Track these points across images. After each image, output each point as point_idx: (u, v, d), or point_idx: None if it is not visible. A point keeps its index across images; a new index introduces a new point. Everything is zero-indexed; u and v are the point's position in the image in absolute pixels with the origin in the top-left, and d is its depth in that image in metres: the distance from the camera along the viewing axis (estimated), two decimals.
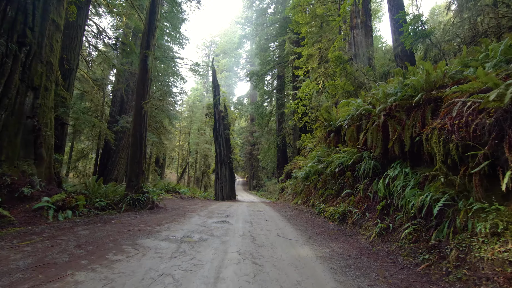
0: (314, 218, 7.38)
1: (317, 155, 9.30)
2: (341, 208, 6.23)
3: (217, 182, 23.46)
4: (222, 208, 10.20)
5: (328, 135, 9.07)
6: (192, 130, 40.75)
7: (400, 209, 4.56)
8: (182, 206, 9.91)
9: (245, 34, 31.90)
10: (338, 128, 8.42)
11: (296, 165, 15.90)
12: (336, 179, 7.48)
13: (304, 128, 19.25)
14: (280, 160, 23.17)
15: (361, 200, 5.79)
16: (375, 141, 5.65)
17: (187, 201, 12.68)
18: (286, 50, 20.04)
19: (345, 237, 5.15)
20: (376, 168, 5.76)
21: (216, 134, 23.77)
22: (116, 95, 20.76)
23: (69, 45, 9.96)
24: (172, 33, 26.51)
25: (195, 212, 8.34)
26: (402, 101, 5.30)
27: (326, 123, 9.04)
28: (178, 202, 11.66)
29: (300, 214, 8.33)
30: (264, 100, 22.86)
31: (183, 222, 6.43)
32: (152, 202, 8.18)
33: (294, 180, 13.48)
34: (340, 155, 7.29)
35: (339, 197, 7.04)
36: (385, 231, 4.47)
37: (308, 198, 9.35)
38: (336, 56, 8.67)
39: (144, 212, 7.57)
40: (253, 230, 5.75)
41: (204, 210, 8.98)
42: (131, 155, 8.13)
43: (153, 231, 5.33)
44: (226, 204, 12.53)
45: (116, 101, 20.32)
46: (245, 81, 49.02)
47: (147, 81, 8.56)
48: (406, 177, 4.81)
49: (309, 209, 8.66)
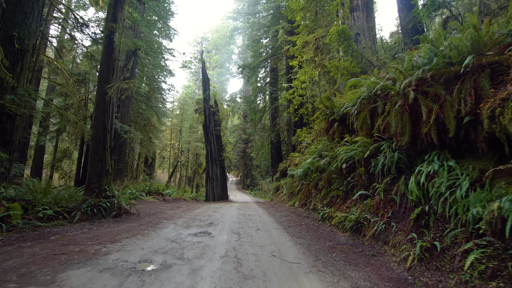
0: (317, 226, 5.91)
1: (318, 150, 7.85)
2: (353, 214, 4.78)
3: (208, 181, 21.87)
4: (208, 212, 8.67)
5: (330, 125, 7.62)
6: (183, 128, 39.01)
7: (447, 220, 3.13)
8: (160, 211, 8.34)
9: (236, 27, 30.29)
10: (343, 117, 6.97)
11: (291, 162, 14.45)
12: (343, 177, 6.03)
13: (300, 122, 17.82)
14: (274, 157, 21.71)
15: (381, 205, 4.34)
16: (399, 126, 4.20)
17: (170, 204, 11.10)
18: (280, 40, 18.56)
19: (365, 257, 3.68)
20: (401, 162, 4.32)
21: (207, 131, 22.16)
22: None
23: (22, 21, 8.22)
24: (160, 26, 24.83)
25: (173, 219, 6.79)
26: (438, 71, 3.86)
27: (328, 111, 7.59)
28: (158, 205, 10.07)
29: (299, 220, 6.87)
30: (256, 94, 21.35)
31: (149, 236, 4.88)
32: (119, 208, 6.60)
33: (290, 178, 12.04)
34: (348, 147, 5.84)
35: (348, 200, 5.59)
36: (429, 252, 3.03)
37: (308, 200, 7.90)
38: (339, 31, 7.22)
39: (105, 222, 5.98)
40: (240, 247, 4.25)
41: (184, 216, 7.43)
42: (92, 151, 6.53)
43: (100, 252, 3.77)
44: (214, 207, 11.00)
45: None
46: (238, 77, 47.41)
47: (112, 62, 6.95)
48: (452, 173, 3.37)
49: (309, 213, 7.21)
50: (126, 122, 18.19)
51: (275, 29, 18.77)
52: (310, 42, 14.08)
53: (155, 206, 9.83)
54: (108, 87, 6.62)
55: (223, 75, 46.89)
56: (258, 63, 19.51)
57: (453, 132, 3.46)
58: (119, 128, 16.61)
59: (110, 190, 6.68)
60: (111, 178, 6.79)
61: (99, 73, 6.97)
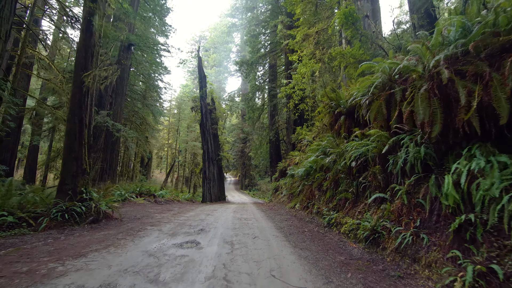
0: (323, 234, 5.10)
1: (321, 147, 7.04)
2: (368, 221, 3.96)
3: (205, 182, 21.03)
4: (200, 215, 7.84)
5: (335, 119, 6.82)
6: (181, 127, 38.14)
7: (505, 234, 2.33)
8: (147, 215, 7.49)
9: (234, 24, 29.42)
10: (351, 109, 6.17)
11: (291, 162, 13.65)
12: (352, 177, 5.22)
13: (300, 120, 17.03)
14: (273, 157, 20.89)
15: (404, 211, 3.53)
16: (427, 115, 3.39)
17: (161, 206, 10.25)
18: (279, 35, 17.74)
19: (390, 280, 2.86)
20: (429, 158, 3.51)
21: (203, 129, 21.31)
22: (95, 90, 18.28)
23: None
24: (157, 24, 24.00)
25: (159, 225, 5.95)
26: (481, 42, 3.06)
27: (333, 104, 6.78)
28: (148, 208, 9.23)
29: (302, 225, 6.05)
30: (255, 92, 20.52)
31: (124, 248, 4.05)
32: (97, 213, 5.76)
33: (290, 178, 11.24)
34: (358, 143, 5.03)
35: (359, 203, 4.78)
36: (485, 279, 2.22)
37: (310, 202, 7.08)
38: (346, 13, 6.39)
39: (78, 229, 5.14)
40: (232, 263, 3.43)
41: (173, 221, 6.59)
42: (66, 148, 5.68)
43: (52, 273, 2.94)
44: (209, 209, 10.17)
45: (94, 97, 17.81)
46: (236, 76, 46.54)
47: (91, 47, 6.11)
48: (506, 171, 2.57)
49: (312, 217, 6.39)
50: (118, 120, 17.33)
51: (274, 24, 17.98)
52: (310, 35, 13.26)
53: (144, 209, 8.99)
54: (85, 76, 5.78)
55: (221, 74, 46.00)
56: (256, 59, 18.67)
57: (505, 119, 2.65)
58: (111, 126, 15.76)
59: (87, 192, 5.83)
60: (88, 178, 5.95)
61: (75, 59, 6.14)
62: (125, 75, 18.16)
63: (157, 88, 26.76)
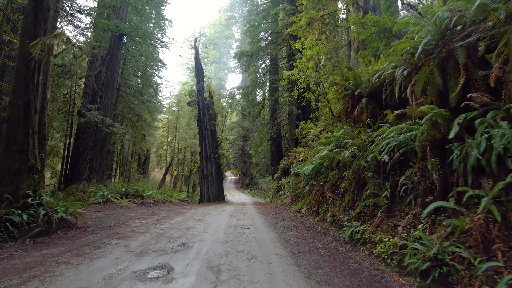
0: (345, 254, 3.67)
1: (335, 139, 5.62)
2: (424, 243, 2.55)
3: (203, 181, 19.66)
4: (189, 222, 6.45)
5: (353, 104, 5.40)
6: (180, 125, 36.77)
7: None
8: (123, 222, 6.10)
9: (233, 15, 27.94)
10: (376, 89, 4.75)
11: (295, 159, 12.24)
12: (385, 175, 3.80)
13: (303, 115, 15.59)
14: (274, 154, 19.46)
15: (494, 232, 2.12)
16: None
17: (147, 209, 8.86)
18: (280, 23, 16.29)
19: None
20: None
21: (201, 125, 19.93)
22: (88, 85, 17.13)
23: None
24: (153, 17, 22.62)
25: (129, 238, 4.56)
26: None
27: (350, 84, 5.36)
28: (129, 212, 7.83)
29: (313, 238, 4.64)
30: (255, 85, 19.08)
31: (56, 282, 2.66)
32: (48, 223, 4.38)
33: (294, 177, 9.83)
34: (397, 128, 3.61)
35: (396, 212, 3.36)
36: None
37: (321, 207, 5.67)
38: None
39: (14, 246, 3.76)
40: None
41: (151, 231, 5.20)
42: (6, 139, 4.30)
43: None
44: (202, 212, 8.78)
45: (88, 92, 16.66)
46: (236, 73, 45.09)
47: (43, 12, 4.72)
48: None
49: (326, 227, 4.98)
50: (109, 115, 15.95)
51: (275, 12, 16.54)
52: (316, 19, 11.81)
53: (125, 212, 7.60)
54: (32, 45, 4.38)
55: (221, 70, 44.49)
56: (257, 50, 17.22)
57: None
58: (99, 121, 14.39)
59: (37, 196, 4.45)
60: (38, 178, 4.56)
61: (22, 26, 4.74)
62: (116, 67, 16.78)
63: (154, 83, 25.38)
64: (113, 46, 17.06)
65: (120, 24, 14.91)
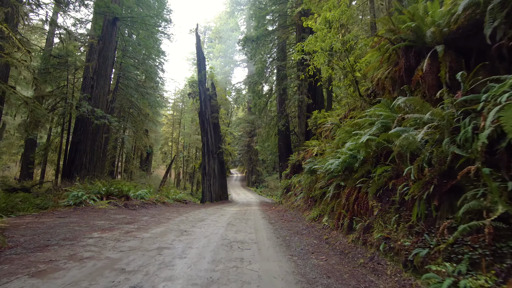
0: None
1: (381, 118, 3.66)
2: None
3: (205, 178, 17.92)
4: (168, 235, 4.62)
5: (409, 63, 3.43)
6: (185, 121, 35.11)
7: None
8: (74, 236, 4.31)
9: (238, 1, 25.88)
10: (461, 33, 2.78)
11: (307, 154, 10.28)
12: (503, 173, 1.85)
13: (314, 104, 13.58)
14: (282, 150, 17.50)
15: None
16: None
17: (125, 214, 7.08)
18: (289, 3, 14.28)
19: None
20: None
21: (202, 118, 18.15)
22: (87, 78, 15.58)
23: None
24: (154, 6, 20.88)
25: (54, 272, 2.75)
26: None
27: (407, 32, 3.40)
28: (100, 218, 6.06)
29: (357, 280, 2.73)
30: (261, 74, 17.12)
31: None
32: None
33: (308, 175, 7.87)
34: None
35: None
36: None
37: (357, 219, 3.75)
38: None
39: None
40: None
41: (101, 256, 3.38)
42: None
43: None
44: (194, 219, 6.96)
45: (86, 85, 15.12)
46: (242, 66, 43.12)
47: None
48: None
49: (373, 256, 3.04)
50: (101, 106, 14.28)
51: None
52: None
53: (94, 220, 5.82)
54: None
55: (227, 65, 42.54)
56: (263, 33, 15.24)
57: None
58: (89, 111, 12.78)
59: None
60: None
61: None
62: (109, 54, 15.09)
63: (156, 76, 23.63)
64: (106, 31, 15.34)
65: (110, 3, 13.21)
